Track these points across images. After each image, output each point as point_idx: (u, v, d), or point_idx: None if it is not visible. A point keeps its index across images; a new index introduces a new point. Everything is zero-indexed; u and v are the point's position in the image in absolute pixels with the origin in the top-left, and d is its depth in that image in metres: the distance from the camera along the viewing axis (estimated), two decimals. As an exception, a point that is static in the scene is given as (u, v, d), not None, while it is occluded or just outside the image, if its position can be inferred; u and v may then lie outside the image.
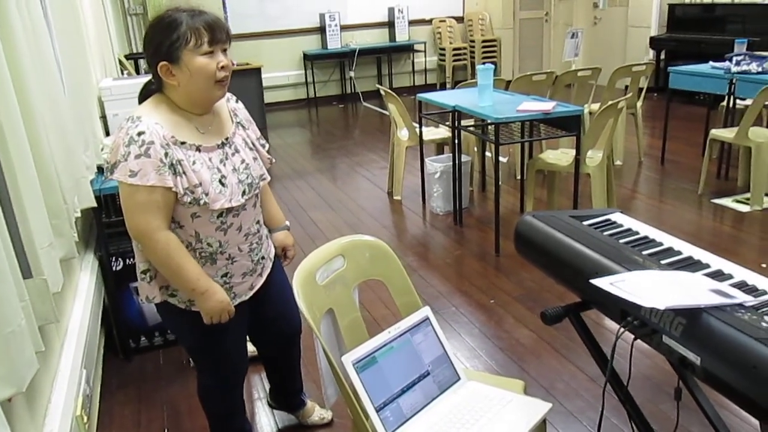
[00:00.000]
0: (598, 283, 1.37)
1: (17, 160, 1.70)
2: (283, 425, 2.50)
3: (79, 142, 2.63)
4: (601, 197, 4.19)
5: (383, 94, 5.04)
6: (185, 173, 1.70)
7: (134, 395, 2.72)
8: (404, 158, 5.03)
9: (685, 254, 1.55)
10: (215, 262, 1.86)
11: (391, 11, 9.38)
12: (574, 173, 3.99)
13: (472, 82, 4.73)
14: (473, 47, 9.81)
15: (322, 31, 9.09)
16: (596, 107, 5.16)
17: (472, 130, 4.52)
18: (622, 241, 1.62)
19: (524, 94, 4.55)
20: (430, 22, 9.86)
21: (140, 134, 1.65)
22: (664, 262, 1.49)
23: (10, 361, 1.43)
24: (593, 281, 1.38)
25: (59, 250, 2.06)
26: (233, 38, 1.82)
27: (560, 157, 4.31)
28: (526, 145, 4.89)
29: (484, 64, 4.18)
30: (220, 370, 2.07)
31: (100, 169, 2.91)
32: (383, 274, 1.99)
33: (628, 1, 8.84)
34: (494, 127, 3.80)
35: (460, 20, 10.04)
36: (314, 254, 1.86)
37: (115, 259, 2.84)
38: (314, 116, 8.75)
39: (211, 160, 1.78)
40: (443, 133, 5.05)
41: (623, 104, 4.28)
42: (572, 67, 5.70)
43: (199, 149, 1.76)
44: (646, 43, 8.49)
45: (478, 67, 4.14)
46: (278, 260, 2.14)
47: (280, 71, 9.05)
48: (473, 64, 9.43)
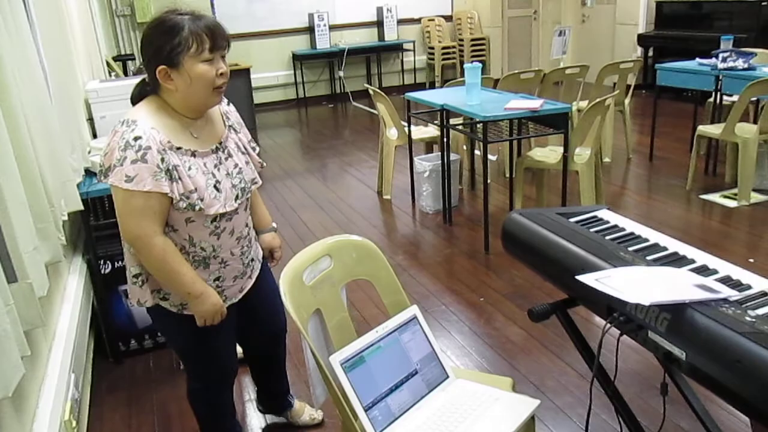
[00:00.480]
0: (584, 279, 1.37)
1: None
2: (273, 426, 2.50)
3: (65, 144, 2.61)
4: (589, 194, 4.21)
5: (372, 93, 5.04)
6: (181, 179, 1.69)
7: (124, 398, 2.71)
8: (393, 157, 5.03)
9: (671, 250, 1.56)
10: (208, 266, 1.85)
11: (379, 11, 9.38)
12: (562, 171, 4.00)
13: (460, 80, 4.73)
14: (462, 46, 9.83)
15: (310, 31, 9.08)
16: (584, 105, 5.17)
17: (460, 128, 4.53)
18: (608, 237, 1.63)
19: (512, 92, 4.56)
20: (418, 21, 9.86)
21: (137, 139, 1.63)
22: (650, 258, 1.50)
23: (-5, 365, 1.42)
24: (579, 278, 1.39)
25: (45, 253, 2.04)
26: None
27: (548, 154, 4.32)
28: (514, 143, 4.90)
29: (472, 62, 4.18)
30: (210, 372, 2.06)
31: (87, 171, 2.89)
32: (370, 273, 1.99)
33: (615, -2, 8.90)
34: (482, 125, 3.80)
35: (448, 19, 10.05)
36: (301, 255, 1.86)
37: (103, 262, 2.82)
38: (304, 116, 8.73)
39: (206, 165, 1.77)
40: (432, 132, 5.05)
41: (610, 101, 4.30)
42: (560, 64, 5.72)
43: (194, 154, 1.75)
44: (633, 40, 8.53)
45: (465, 65, 4.15)
46: (264, 261, 2.14)
47: (269, 72, 9.03)
48: (462, 62, 9.44)
